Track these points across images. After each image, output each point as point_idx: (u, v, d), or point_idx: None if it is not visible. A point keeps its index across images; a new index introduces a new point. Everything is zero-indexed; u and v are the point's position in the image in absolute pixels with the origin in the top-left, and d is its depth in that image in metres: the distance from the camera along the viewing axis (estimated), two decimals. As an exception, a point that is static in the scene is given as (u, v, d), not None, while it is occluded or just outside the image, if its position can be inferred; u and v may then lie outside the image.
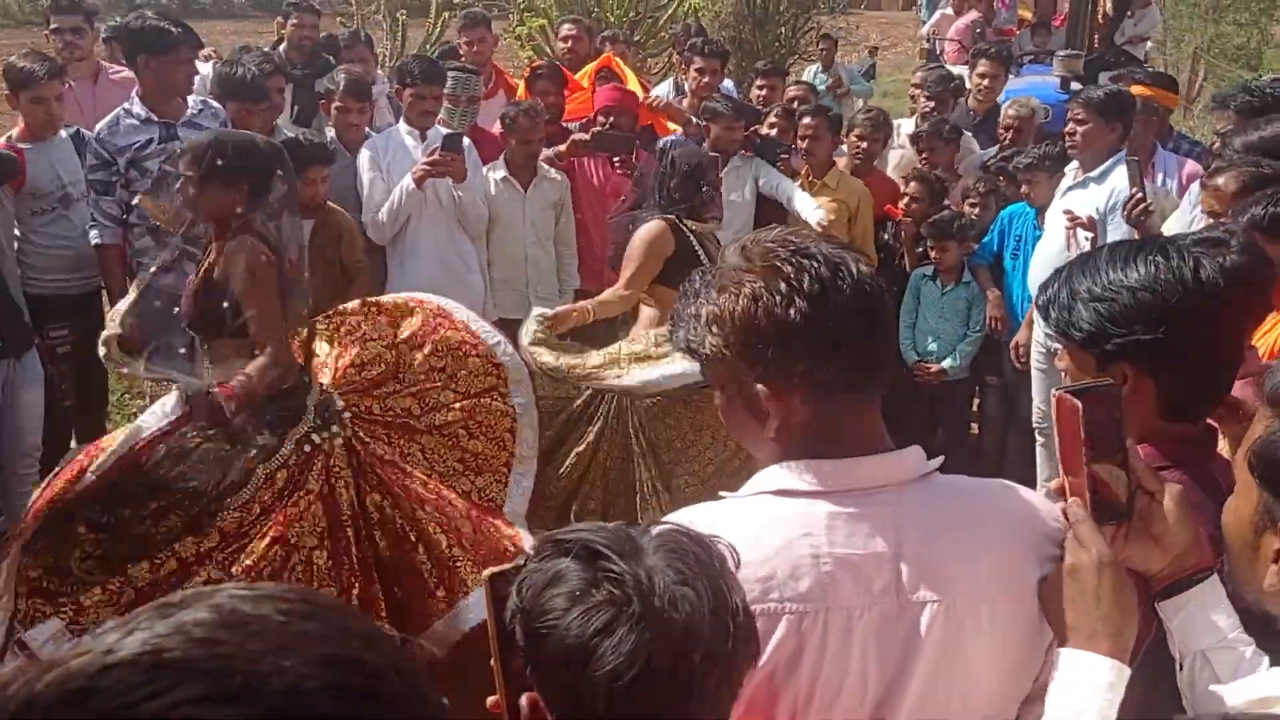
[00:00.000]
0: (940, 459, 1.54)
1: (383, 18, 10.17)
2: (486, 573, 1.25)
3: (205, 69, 5.77)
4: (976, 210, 5.50)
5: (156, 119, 4.57)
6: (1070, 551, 1.45)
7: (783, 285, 1.43)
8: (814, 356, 1.45)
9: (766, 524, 1.46)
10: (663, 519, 1.51)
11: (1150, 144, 5.42)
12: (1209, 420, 1.86)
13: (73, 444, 5.03)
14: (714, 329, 1.48)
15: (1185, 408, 1.76)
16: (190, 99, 4.71)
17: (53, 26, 5.53)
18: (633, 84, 6.17)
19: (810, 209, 5.29)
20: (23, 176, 4.60)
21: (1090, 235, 4.19)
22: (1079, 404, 1.47)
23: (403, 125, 5.26)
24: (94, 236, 4.61)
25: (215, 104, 4.83)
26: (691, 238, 4.33)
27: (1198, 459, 1.79)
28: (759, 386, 1.48)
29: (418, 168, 4.89)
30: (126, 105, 4.64)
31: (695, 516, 1.51)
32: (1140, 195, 4.22)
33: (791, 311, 1.43)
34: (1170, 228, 4.31)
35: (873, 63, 14.89)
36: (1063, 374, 1.85)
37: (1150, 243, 1.77)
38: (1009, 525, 1.53)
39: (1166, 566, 1.49)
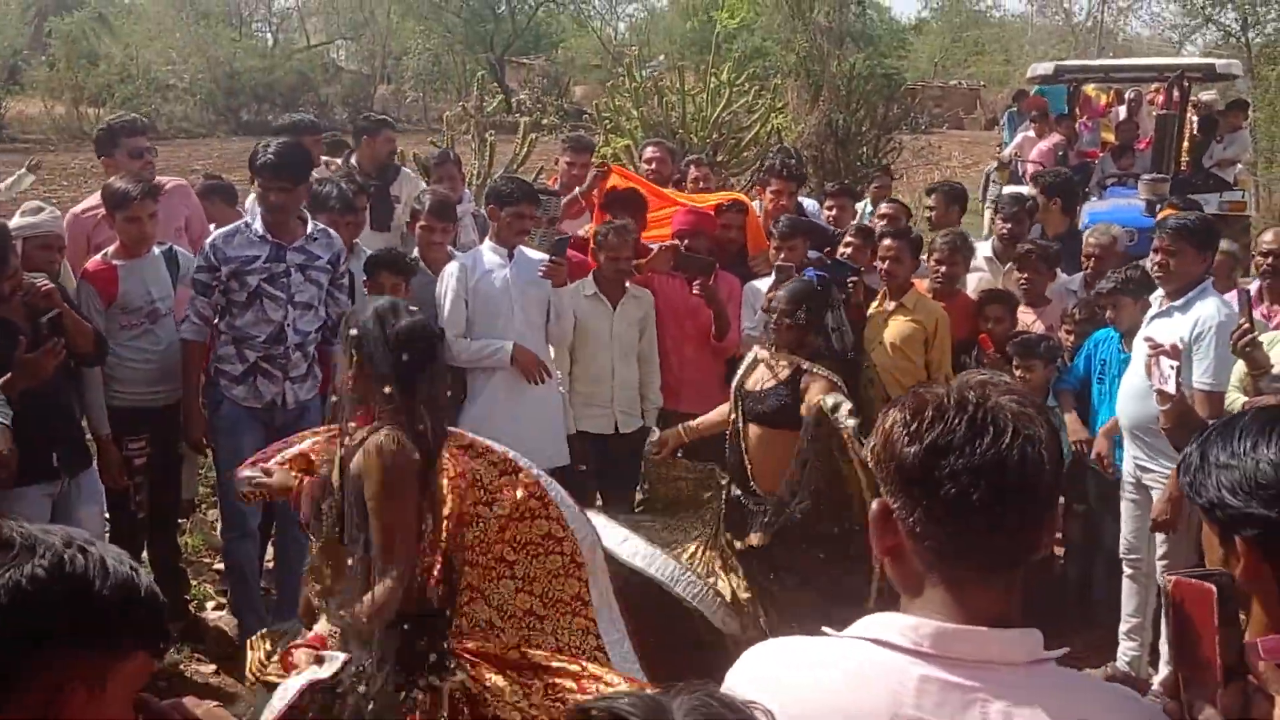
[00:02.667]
0: (1063, 650, 1.45)
1: (472, 137, 10.48)
2: None
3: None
4: (1072, 339, 5.40)
5: (270, 239, 4.73)
6: None
7: (914, 423, 1.43)
8: (914, 500, 1.43)
9: (854, 672, 1.42)
10: (761, 647, 1.55)
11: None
12: None
13: (144, 555, 5.12)
14: (875, 434, 1.50)
15: None
16: (310, 225, 4.87)
17: (129, 148, 5.63)
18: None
19: None
20: (114, 291, 4.78)
21: (1176, 365, 4.07)
22: (1213, 589, 1.33)
23: (488, 244, 5.34)
24: (184, 330, 4.81)
25: (333, 233, 4.98)
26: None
27: None
28: (874, 503, 1.49)
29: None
30: (248, 220, 4.85)
31: (790, 647, 1.52)
32: (1248, 325, 4.03)
33: (910, 451, 1.42)
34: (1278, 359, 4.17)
35: None
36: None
37: None
38: None
39: None
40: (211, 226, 5.71)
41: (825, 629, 1.52)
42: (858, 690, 1.40)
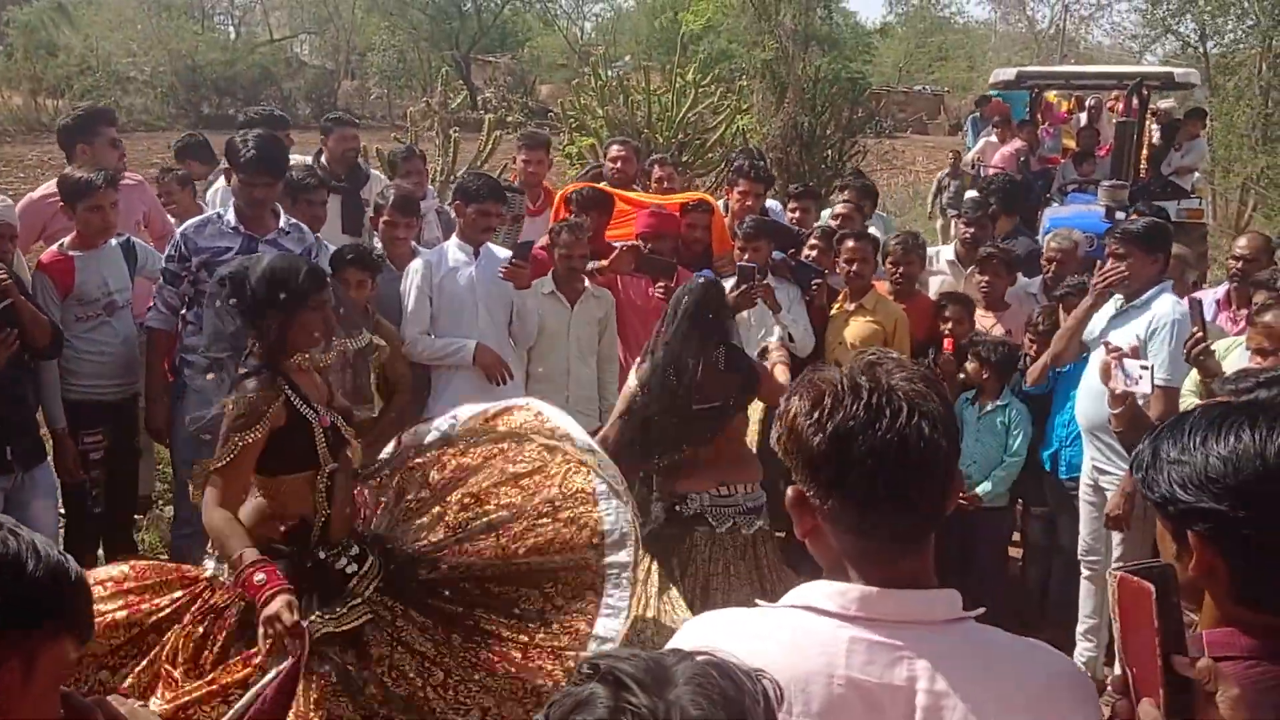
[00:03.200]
0: (980, 610, 1.54)
1: (436, 134, 10.44)
2: None
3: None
4: (1035, 348, 5.35)
5: (243, 231, 4.67)
6: None
7: (815, 412, 1.49)
8: (826, 486, 1.50)
9: (789, 638, 1.50)
10: (698, 620, 1.60)
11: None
12: None
13: (100, 552, 5.04)
14: (779, 423, 1.56)
15: (1260, 598, 1.51)
16: (282, 219, 4.81)
17: (110, 137, 5.61)
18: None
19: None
20: (71, 283, 4.70)
21: (1147, 365, 4.06)
22: (1151, 587, 1.34)
23: (455, 241, 5.30)
24: (150, 318, 4.75)
25: (304, 227, 4.93)
26: None
27: None
28: (789, 490, 1.56)
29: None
30: (220, 211, 4.79)
31: (726, 620, 1.57)
32: (1200, 334, 4.08)
33: (817, 440, 1.49)
34: (1234, 362, 4.21)
35: None
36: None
37: (1247, 408, 1.57)
38: (1034, 688, 1.50)
39: None
40: (173, 222, 5.64)
41: (758, 600, 1.60)
42: (796, 656, 1.48)
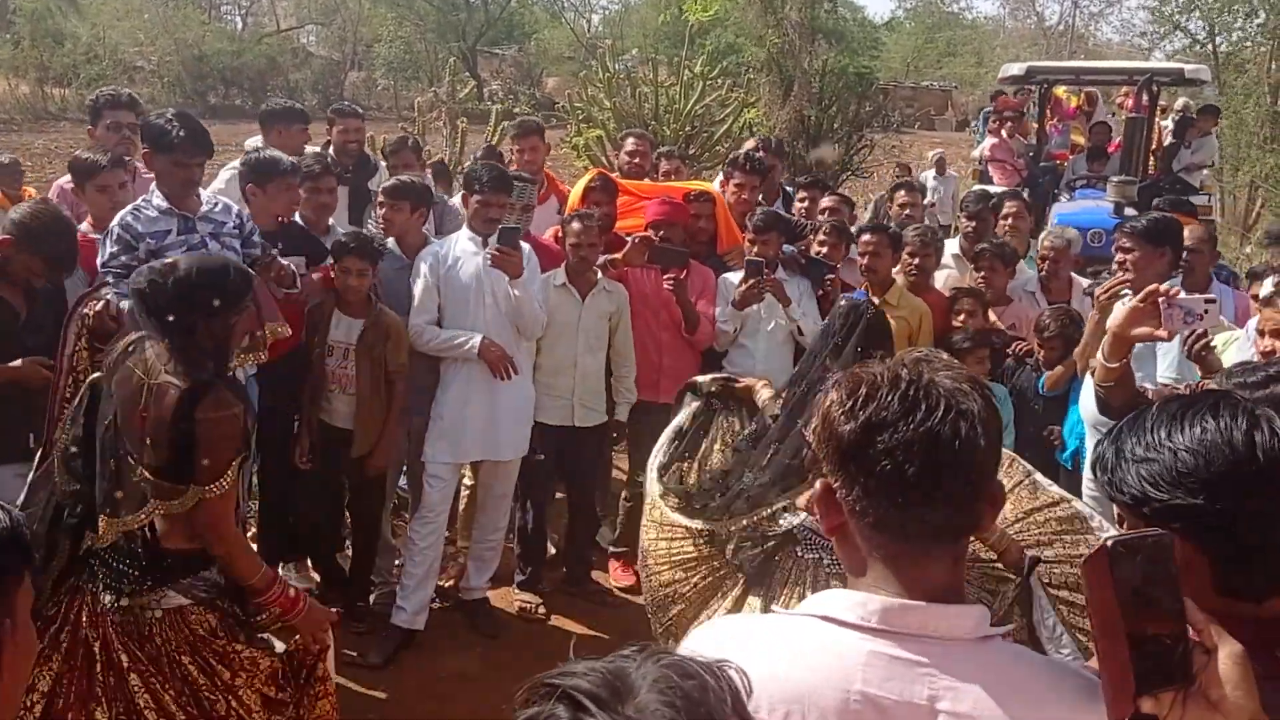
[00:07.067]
0: (1009, 626, 1.45)
1: (443, 124, 10.43)
2: None
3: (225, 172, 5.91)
4: (1042, 353, 5.32)
5: (176, 211, 4.50)
6: None
7: (849, 402, 1.43)
8: (853, 478, 1.44)
9: (804, 650, 1.43)
10: (707, 628, 1.55)
11: (1207, 275, 5.37)
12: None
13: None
14: (816, 413, 1.51)
15: (1241, 588, 1.51)
16: (204, 194, 4.67)
17: (108, 121, 5.52)
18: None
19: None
20: (94, 265, 4.58)
21: (1213, 299, 3.89)
22: (1106, 550, 1.28)
23: (465, 231, 5.25)
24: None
25: (229, 200, 4.82)
26: None
27: (1266, 644, 1.47)
28: (818, 481, 1.50)
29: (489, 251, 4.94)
30: (147, 196, 4.57)
31: (737, 629, 1.53)
32: (1201, 330, 4.06)
33: (846, 430, 1.43)
34: (1231, 357, 4.21)
35: None
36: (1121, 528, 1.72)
37: (1205, 398, 1.57)
38: (1063, 711, 1.41)
39: None
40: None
41: (774, 607, 1.52)
42: (809, 668, 1.41)
